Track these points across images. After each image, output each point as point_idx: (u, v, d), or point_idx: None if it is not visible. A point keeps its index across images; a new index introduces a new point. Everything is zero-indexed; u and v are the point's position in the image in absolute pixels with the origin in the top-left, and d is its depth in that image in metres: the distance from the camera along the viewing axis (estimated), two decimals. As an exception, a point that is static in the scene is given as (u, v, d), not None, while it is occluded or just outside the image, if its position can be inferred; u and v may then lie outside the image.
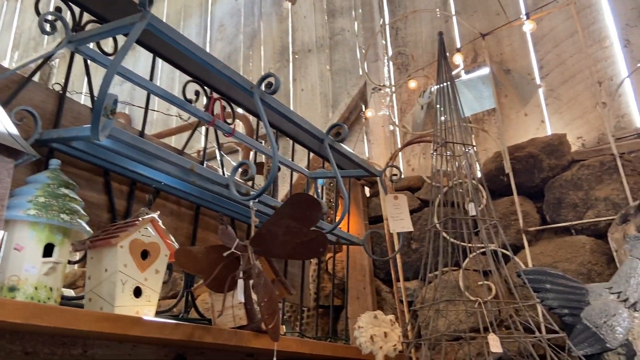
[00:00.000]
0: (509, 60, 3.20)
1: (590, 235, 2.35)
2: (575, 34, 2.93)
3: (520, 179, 2.59)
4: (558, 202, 2.46)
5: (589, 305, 1.90)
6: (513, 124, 3.09)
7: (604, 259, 2.27)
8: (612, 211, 2.31)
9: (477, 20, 3.35)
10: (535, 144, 2.60)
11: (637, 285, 1.86)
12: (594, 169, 2.42)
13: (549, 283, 2.01)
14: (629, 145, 2.46)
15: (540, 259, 2.40)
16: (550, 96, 3.02)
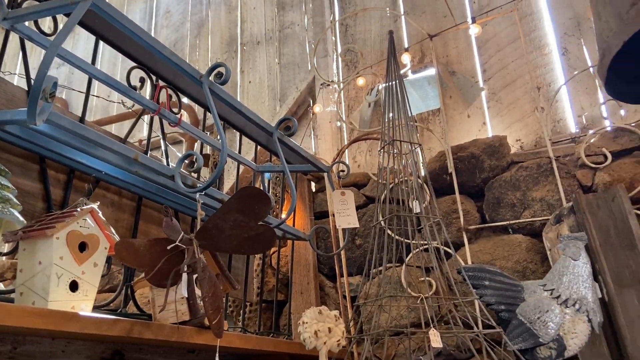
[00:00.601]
0: (454, 62, 3.29)
1: (526, 234, 2.45)
2: (517, 40, 3.05)
3: (463, 179, 2.67)
4: (497, 202, 2.56)
5: (524, 301, 1.99)
6: (457, 124, 3.18)
7: (539, 257, 2.37)
8: (547, 211, 2.42)
9: (425, 21, 3.41)
10: (477, 145, 2.68)
11: (569, 283, 1.96)
12: (531, 171, 2.53)
13: (488, 280, 2.08)
14: (564, 149, 2.59)
15: (480, 257, 2.48)
16: (492, 99, 3.13)
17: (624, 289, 2.09)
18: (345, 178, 2.60)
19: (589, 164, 2.40)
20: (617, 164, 2.36)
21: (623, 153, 2.39)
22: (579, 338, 1.84)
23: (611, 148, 2.39)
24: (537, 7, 3.09)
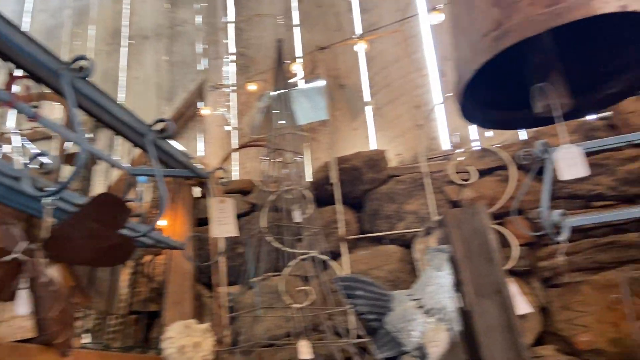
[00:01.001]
0: (343, 75, 3.37)
1: (399, 245, 2.56)
2: (402, 59, 3.19)
3: (345, 190, 2.73)
4: (375, 213, 2.64)
5: (392, 311, 2.05)
6: (343, 136, 3.25)
7: (409, 268, 2.49)
8: (418, 224, 2.55)
9: (317, 33, 3.46)
10: (360, 158, 2.76)
11: (433, 293, 2.06)
12: (406, 185, 2.65)
13: (361, 290, 2.11)
14: (437, 166, 2.74)
15: (357, 266, 2.54)
16: (377, 114, 3.24)
17: (483, 299, 2.24)
18: (227, 184, 2.54)
19: (457, 180, 2.56)
20: (481, 181, 2.54)
21: (487, 172, 2.58)
22: (439, 346, 1.94)
23: (477, 167, 2.58)
24: (420, 30, 3.26)
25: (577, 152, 1.30)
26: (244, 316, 2.42)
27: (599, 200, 2.35)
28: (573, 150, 1.30)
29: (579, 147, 1.32)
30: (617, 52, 1.24)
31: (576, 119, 2.50)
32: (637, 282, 2.14)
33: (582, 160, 1.30)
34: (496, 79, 1.38)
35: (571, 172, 1.30)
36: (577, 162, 1.28)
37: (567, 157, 1.29)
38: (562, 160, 1.30)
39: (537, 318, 2.26)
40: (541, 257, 2.34)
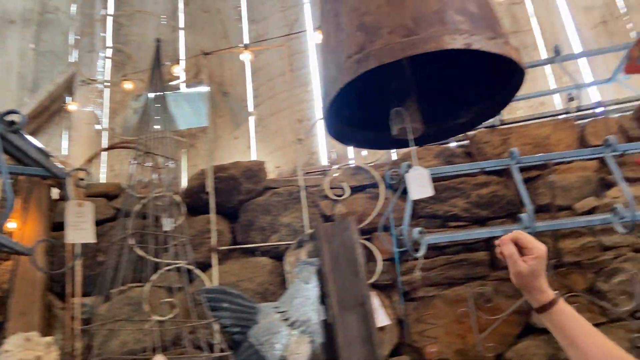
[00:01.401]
0: (228, 83, 3.33)
1: (271, 257, 2.56)
2: (287, 74, 3.24)
3: (221, 199, 2.67)
4: (249, 224, 2.62)
5: (257, 324, 2.04)
6: (224, 144, 3.20)
7: (279, 280, 2.50)
8: (292, 236, 2.57)
9: (204, 38, 3.39)
10: (238, 167, 2.73)
11: (298, 306, 2.08)
12: (283, 197, 2.67)
13: (227, 302, 2.08)
14: (314, 180, 2.80)
15: (227, 278, 2.49)
16: (259, 125, 3.24)
17: (346, 312, 2.32)
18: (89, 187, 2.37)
19: (331, 195, 2.64)
20: (353, 198, 2.64)
21: (359, 189, 2.69)
22: (301, 358, 1.96)
23: (350, 183, 2.68)
24: (306, 47, 3.34)
25: (425, 174, 1.41)
26: (98, 329, 2.25)
27: (455, 221, 2.55)
28: (422, 172, 1.40)
29: (426, 170, 1.43)
30: (467, 85, 1.37)
31: (428, 144, 2.71)
32: (483, 297, 2.35)
33: (428, 182, 1.41)
34: (364, 100, 1.45)
35: (419, 192, 1.40)
36: (424, 184, 1.39)
37: (417, 178, 1.39)
38: (412, 181, 1.40)
39: (394, 330, 2.38)
40: (402, 272, 2.48)
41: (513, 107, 3.16)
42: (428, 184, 1.40)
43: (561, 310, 1.01)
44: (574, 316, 1.01)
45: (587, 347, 0.96)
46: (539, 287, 1.04)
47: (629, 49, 1.48)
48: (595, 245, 2.41)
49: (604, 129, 2.55)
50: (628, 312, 2.27)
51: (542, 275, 1.05)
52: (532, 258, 1.04)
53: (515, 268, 1.04)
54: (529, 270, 1.03)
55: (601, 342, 0.96)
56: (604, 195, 2.49)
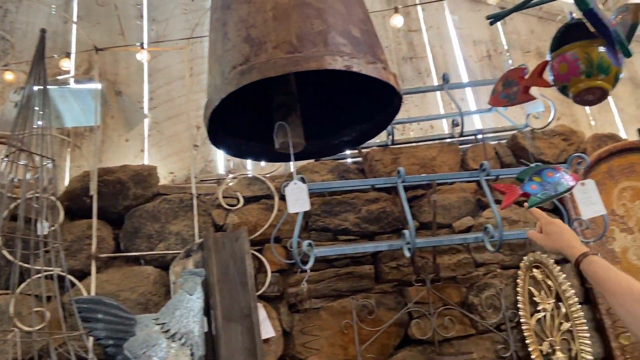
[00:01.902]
0: (122, 82, 3.18)
1: (157, 266, 2.46)
2: (187, 78, 3.15)
3: (105, 203, 2.53)
4: (135, 232, 2.50)
5: (134, 335, 1.95)
6: (114, 146, 3.04)
7: (164, 290, 2.40)
8: (180, 245, 2.50)
9: (98, 32, 3.21)
10: (126, 171, 2.60)
11: (180, 317, 2.02)
12: (173, 204, 2.58)
13: (102, 313, 1.97)
14: (208, 188, 2.75)
15: (106, 287, 2.36)
16: (154, 128, 3.13)
17: (231, 323, 2.29)
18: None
19: (225, 205, 2.60)
20: (246, 208, 2.62)
21: (253, 199, 2.68)
22: (180, 371, 1.90)
23: (244, 193, 2.66)
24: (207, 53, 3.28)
25: (303, 188, 1.44)
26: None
27: (345, 235, 2.62)
28: (299, 186, 1.43)
29: (304, 185, 1.46)
30: (351, 105, 1.42)
31: (312, 159, 2.77)
32: (366, 309, 2.43)
33: (305, 196, 1.44)
34: (251, 112, 1.45)
35: (296, 206, 1.43)
36: (302, 197, 1.41)
37: (295, 192, 1.41)
38: (290, 194, 1.42)
39: (280, 342, 2.38)
40: (290, 284, 2.49)
41: (407, 128, 3.34)
42: (305, 198, 1.42)
43: (593, 261, 1.19)
44: (606, 266, 1.18)
45: (616, 289, 1.11)
46: (568, 245, 1.27)
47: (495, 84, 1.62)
48: (469, 261, 2.59)
49: (482, 154, 2.77)
50: (494, 325, 2.47)
51: (566, 235, 1.29)
52: (542, 225, 1.34)
53: (537, 239, 1.36)
54: (544, 236, 1.33)
55: (629, 284, 1.10)
56: (480, 215, 2.70)
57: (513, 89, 1.51)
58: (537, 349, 2.36)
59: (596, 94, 1.37)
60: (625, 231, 2.59)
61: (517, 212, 2.69)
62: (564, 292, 2.44)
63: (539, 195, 1.35)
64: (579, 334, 2.36)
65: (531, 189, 1.36)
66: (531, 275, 2.52)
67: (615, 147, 2.72)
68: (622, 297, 1.09)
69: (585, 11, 1.23)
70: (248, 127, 1.44)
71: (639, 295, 1.07)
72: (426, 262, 2.54)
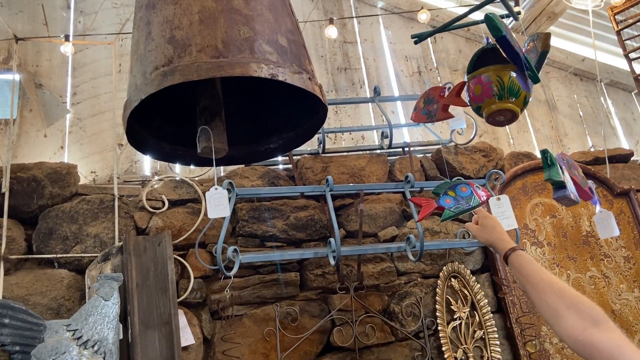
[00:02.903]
0: (44, 75, 3.01)
1: (72, 270, 2.34)
2: (115, 75, 3.04)
3: (17, 202, 2.38)
4: (49, 233, 2.37)
5: (43, 342, 1.84)
6: (31, 141, 2.87)
7: (78, 295, 2.29)
8: (99, 248, 2.39)
9: (20, 21, 3.04)
10: (43, 168, 2.46)
11: (94, 324, 1.93)
12: (93, 205, 2.47)
13: (9, 317, 1.84)
14: (131, 190, 2.65)
15: (15, 290, 2.21)
16: (76, 125, 2.99)
17: (149, 330, 2.21)
18: None
19: (148, 207, 2.52)
20: (171, 211, 2.56)
21: (179, 202, 2.61)
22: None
23: (170, 196, 2.59)
24: (140, 50, 3.19)
25: (223, 194, 1.43)
26: None
27: (273, 241, 2.62)
28: (220, 192, 1.42)
29: (224, 191, 1.45)
30: (279, 113, 1.43)
31: (238, 164, 2.75)
32: (290, 316, 2.44)
33: (226, 202, 1.43)
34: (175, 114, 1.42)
35: (216, 212, 1.41)
36: (222, 203, 1.40)
37: (215, 197, 1.40)
38: (210, 200, 1.41)
39: (200, 349, 2.34)
40: (214, 290, 2.45)
41: (339, 137, 3.39)
42: (226, 204, 1.41)
43: (520, 255, 1.30)
44: (531, 260, 1.28)
45: (539, 282, 1.19)
46: (499, 238, 1.39)
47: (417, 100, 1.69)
48: (392, 270, 2.66)
49: (408, 166, 2.87)
50: (413, 332, 2.55)
51: (498, 229, 1.43)
52: (479, 217, 1.48)
53: (472, 230, 1.49)
54: (480, 227, 1.46)
55: (550, 278, 1.19)
56: (404, 225, 2.79)
57: (434, 106, 1.58)
58: (452, 356, 2.47)
59: (507, 116, 1.47)
60: (536, 244, 2.76)
61: (438, 224, 2.80)
62: (479, 302, 2.56)
63: (452, 209, 1.42)
64: (490, 341, 2.49)
65: (445, 202, 1.43)
66: (449, 284, 2.63)
67: (530, 165, 2.90)
68: (543, 290, 1.18)
69: (497, 37, 1.32)
70: (173, 130, 1.41)
71: (558, 289, 1.16)
72: (351, 270, 2.58)
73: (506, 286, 2.54)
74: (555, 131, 3.74)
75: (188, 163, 1.38)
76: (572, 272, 2.72)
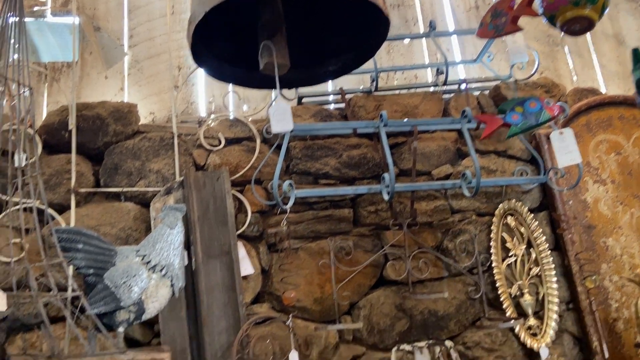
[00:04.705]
0: (101, 17, 3.08)
1: (137, 203, 2.46)
2: (169, 16, 3.07)
3: (84, 139, 2.50)
4: (115, 168, 2.49)
5: (114, 266, 1.96)
6: (92, 83, 2.97)
7: (144, 227, 2.42)
8: (160, 183, 2.49)
9: (77, -36, 3.08)
10: (106, 107, 2.56)
11: (160, 250, 2.03)
12: (154, 143, 2.56)
13: (82, 243, 1.97)
14: (189, 129, 2.73)
15: (85, 221, 2.36)
16: (134, 67, 3.05)
17: (211, 259, 2.32)
18: None
19: (206, 145, 2.59)
20: (228, 149, 2.62)
21: (235, 141, 2.67)
22: (159, 302, 1.93)
23: (226, 134, 2.65)
24: (192, -9, 3.19)
25: (286, 108, 1.44)
26: None
27: (325, 179, 2.65)
28: (283, 107, 1.43)
29: (287, 105, 1.46)
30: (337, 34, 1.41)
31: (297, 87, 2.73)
32: (343, 250, 2.49)
33: (288, 116, 1.44)
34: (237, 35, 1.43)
35: (280, 126, 1.43)
36: (285, 118, 1.42)
37: (279, 112, 1.41)
38: (273, 114, 1.42)
39: (258, 279, 2.43)
40: (270, 225, 2.53)
41: (390, 77, 3.32)
42: (289, 119, 1.43)
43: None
44: None
45: None
46: None
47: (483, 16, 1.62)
48: (445, 208, 2.65)
49: (464, 104, 2.79)
50: (467, 268, 2.55)
51: None
52: None
53: None
54: None
55: None
56: (459, 164, 2.74)
57: (502, 19, 1.51)
58: (506, 292, 2.46)
59: (582, 24, 1.37)
60: (598, 182, 2.66)
61: (495, 162, 2.74)
62: (535, 239, 2.52)
63: (519, 125, 1.37)
64: (547, 278, 2.46)
65: (512, 119, 1.38)
66: (505, 222, 2.60)
67: (595, 100, 2.76)
68: None
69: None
70: (234, 52, 1.42)
71: None
72: (404, 207, 2.58)
73: (565, 222, 2.48)
74: (623, 67, 3.52)
75: (249, 85, 1.39)
76: (637, 210, 2.61)
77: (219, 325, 2.22)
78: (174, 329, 2.21)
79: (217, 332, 2.20)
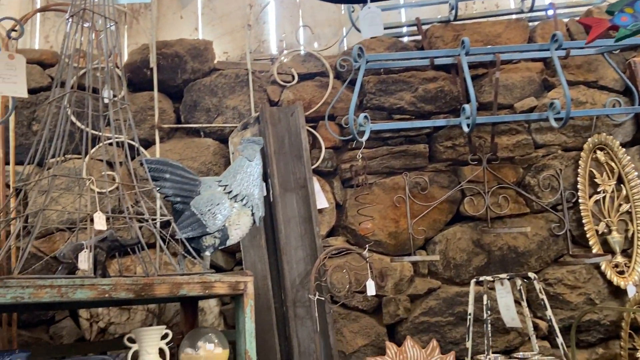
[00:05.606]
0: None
1: (216, 138, 2.54)
2: (238, -46, 3.03)
3: (164, 76, 2.57)
4: (194, 105, 2.56)
5: (199, 195, 2.05)
6: (168, 23, 3.03)
7: (223, 161, 2.49)
8: (237, 119, 2.54)
9: None
10: (183, 45, 2.61)
11: (241, 180, 2.09)
12: (229, 79, 2.60)
13: (169, 173, 2.06)
14: (262, 66, 2.74)
15: (168, 155, 2.46)
16: (207, 7, 3.07)
17: (287, 192, 2.37)
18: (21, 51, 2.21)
19: (279, 81, 2.59)
20: (301, 85, 2.61)
21: (308, 76, 2.65)
22: (241, 229, 2.01)
23: (299, 70, 2.63)
24: None
25: (377, 12, 1.39)
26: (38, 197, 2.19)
27: (400, 114, 2.59)
28: (373, 11, 1.38)
29: (378, 8, 1.41)
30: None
31: None
32: (419, 185, 2.45)
33: (379, 20, 1.39)
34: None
35: (371, 30, 1.38)
36: (376, 22, 1.37)
37: (369, 16, 1.37)
38: (363, 19, 1.37)
39: (333, 213, 2.47)
40: (344, 160, 2.53)
41: (469, 6, 3.14)
42: (379, 23, 1.38)
43: None
44: None
45: None
46: None
47: None
48: (528, 142, 2.52)
49: (552, 31, 2.59)
50: (550, 205, 2.45)
51: None
52: None
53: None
54: None
55: None
56: (544, 96, 2.58)
57: None
58: (592, 229, 2.35)
59: None
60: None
61: (584, 94, 2.56)
62: (627, 175, 2.37)
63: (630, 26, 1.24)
64: (637, 215, 2.32)
65: (621, 20, 1.25)
66: (594, 157, 2.45)
67: None
68: None
69: None
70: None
71: None
72: (483, 142, 2.49)
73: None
74: None
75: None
76: None
77: (297, 255, 2.28)
78: (255, 257, 2.30)
79: (295, 260, 2.27)
